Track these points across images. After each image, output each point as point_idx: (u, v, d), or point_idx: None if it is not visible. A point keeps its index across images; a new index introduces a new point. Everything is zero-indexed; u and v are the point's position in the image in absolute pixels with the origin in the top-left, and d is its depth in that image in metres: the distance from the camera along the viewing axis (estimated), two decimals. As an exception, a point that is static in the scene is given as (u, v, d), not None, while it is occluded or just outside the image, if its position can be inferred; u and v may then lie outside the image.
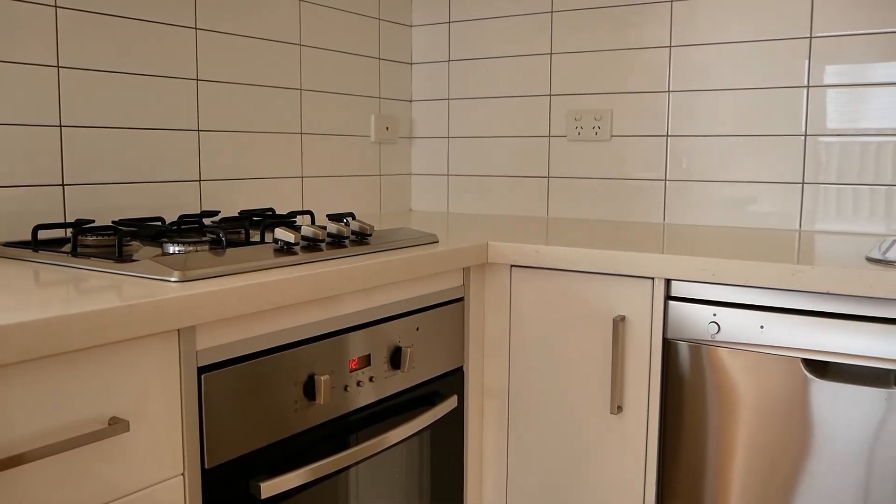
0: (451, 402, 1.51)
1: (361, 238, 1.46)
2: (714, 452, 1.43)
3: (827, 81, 1.83)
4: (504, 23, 2.23)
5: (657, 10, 2.00)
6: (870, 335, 1.29)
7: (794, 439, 1.37)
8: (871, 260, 1.36)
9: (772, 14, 1.87)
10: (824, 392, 1.33)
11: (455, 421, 1.58)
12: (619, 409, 1.50)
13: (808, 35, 1.84)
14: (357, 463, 1.32)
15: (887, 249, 1.47)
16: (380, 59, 2.27)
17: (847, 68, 1.81)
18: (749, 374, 1.39)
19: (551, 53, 2.16)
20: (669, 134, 2.01)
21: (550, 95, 2.17)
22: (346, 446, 1.30)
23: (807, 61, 1.84)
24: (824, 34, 1.82)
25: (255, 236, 1.50)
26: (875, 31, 1.77)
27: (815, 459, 1.35)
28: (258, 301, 1.11)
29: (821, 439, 1.34)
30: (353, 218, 1.55)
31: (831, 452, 1.34)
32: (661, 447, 1.49)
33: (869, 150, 1.80)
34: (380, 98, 2.29)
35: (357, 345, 1.31)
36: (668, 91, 2.00)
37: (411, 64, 2.40)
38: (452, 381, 1.57)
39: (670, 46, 1.99)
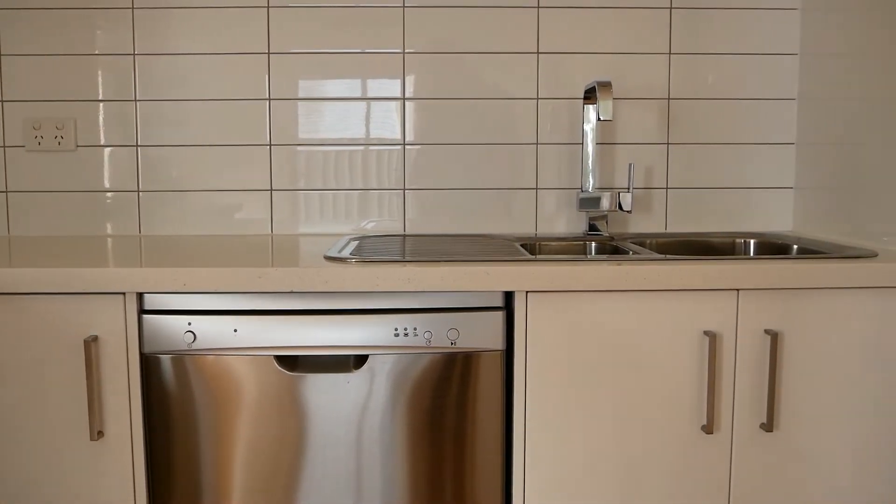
0: None
1: None
2: (211, 462, 1.44)
3: (287, 95, 1.96)
4: (-61, 18, 1.95)
5: (119, 16, 1.93)
6: (330, 326, 1.42)
7: (287, 434, 1.44)
8: (328, 258, 1.49)
9: (234, 29, 1.94)
10: (299, 385, 1.43)
11: None
12: (101, 434, 1.42)
13: (267, 51, 1.95)
14: None
15: (343, 248, 1.63)
16: None
17: (306, 84, 1.96)
18: (231, 378, 1.42)
19: (0, 55, 1.95)
20: (140, 144, 1.96)
21: (2, 101, 1.96)
22: None
23: (267, 76, 1.95)
24: (280, 51, 1.95)
25: None
26: (327, 50, 1.95)
27: (310, 449, 1.44)
28: None
29: (310, 429, 1.44)
30: None
31: (322, 439, 1.44)
32: (149, 465, 1.45)
33: (342, 158, 1.98)
34: None
35: None
36: (136, 100, 1.95)
37: None
38: None
39: (134, 54, 1.94)
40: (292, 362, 1.43)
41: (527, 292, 1.43)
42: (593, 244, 1.88)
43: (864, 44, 1.72)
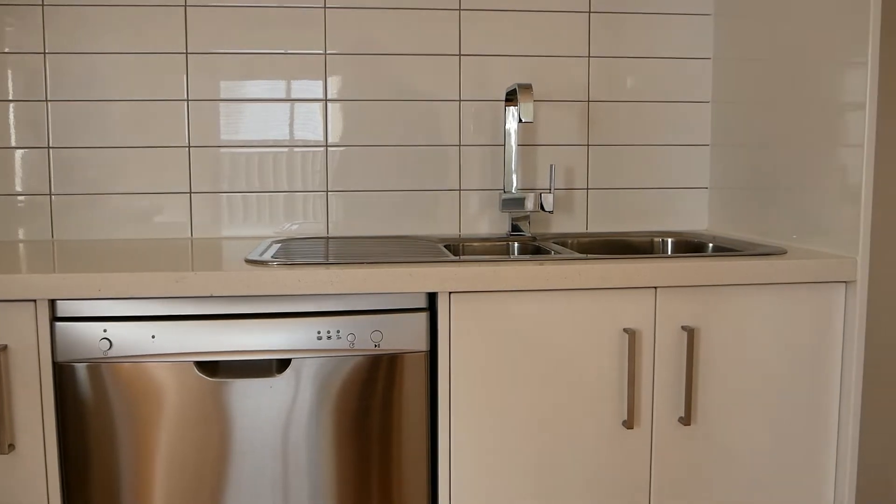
0: None
1: None
2: (130, 473, 1.40)
3: (207, 96, 1.93)
4: None
5: (29, 12, 1.87)
6: (252, 330, 1.40)
7: (211, 441, 1.41)
8: (250, 261, 1.47)
9: (150, 28, 1.90)
10: (221, 391, 1.40)
11: None
12: (11, 447, 1.37)
13: (185, 51, 1.91)
14: None
15: (265, 251, 1.61)
16: None
17: (227, 84, 1.93)
18: (150, 386, 1.39)
19: None
20: (52, 146, 1.90)
21: None
22: None
23: (185, 76, 1.92)
24: (199, 51, 1.91)
25: None
26: (249, 51, 1.92)
27: (235, 456, 1.42)
28: None
29: (234, 435, 1.41)
30: None
31: (247, 445, 1.42)
32: (64, 478, 1.40)
33: (266, 159, 1.95)
34: None
35: None
36: (47, 100, 1.89)
37: None
38: None
39: (45, 53, 1.88)
40: (213, 368, 1.41)
41: (450, 293, 1.43)
42: (516, 244, 1.90)
43: (774, 49, 1.78)
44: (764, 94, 1.82)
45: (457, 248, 1.87)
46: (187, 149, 1.93)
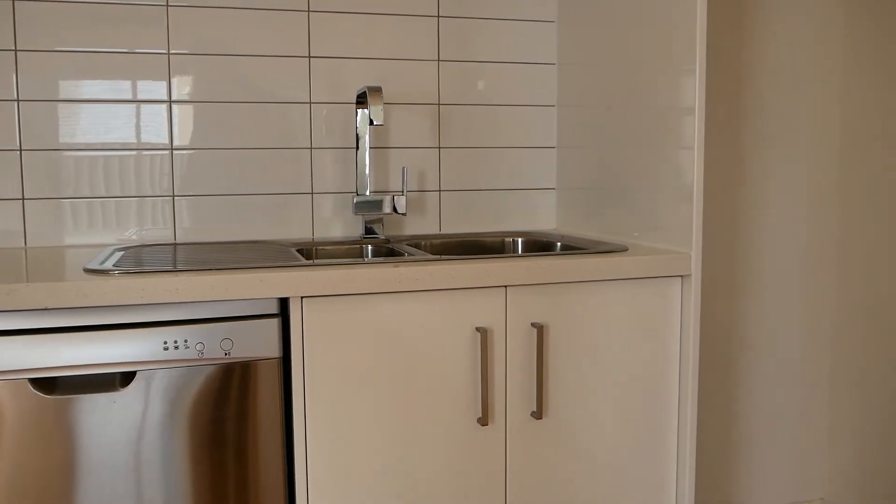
0: None
1: None
2: (-50, 499, 1.30)
3: (43, 96, 1.82)
4: None
5: None
6: (91, 344, 1.33)
7: (53, 463, 1.33)
8: (88, 271, 1.40)
9: (-28, 23, 1.77)
10: (61, 408, 1.33)
11: None
12: None
13: (14, 48, 1.79)
14: None
15: (106, 259, 1.54)
16: None
17: (67, 84, 1.82)
18: (-22, 406, 1.30)
19: None
20: None
21: None
22: None
23: (14, 75, 1.80)
24: (31, 48, 1.80)
25: None
26: (83, 49, 1.83)
27: (82, 476, 1.34)
28: None
29: (80, 455, 1.33)
30: None
31: (94, 464, 1.34)
32: None
33: (111, 163, 1.86)
34: None
35: None
36: None
37: None
38: None
39: None
40: (51, 385, 1.33)
41: (302, 298, 1.42)
42: (370, 247, 1.91)
43: (614, 55, 1.87)
44: (606, 98, 1.90)
45: (310, 252, 1.85)
46: (18, 152, 1.82)
